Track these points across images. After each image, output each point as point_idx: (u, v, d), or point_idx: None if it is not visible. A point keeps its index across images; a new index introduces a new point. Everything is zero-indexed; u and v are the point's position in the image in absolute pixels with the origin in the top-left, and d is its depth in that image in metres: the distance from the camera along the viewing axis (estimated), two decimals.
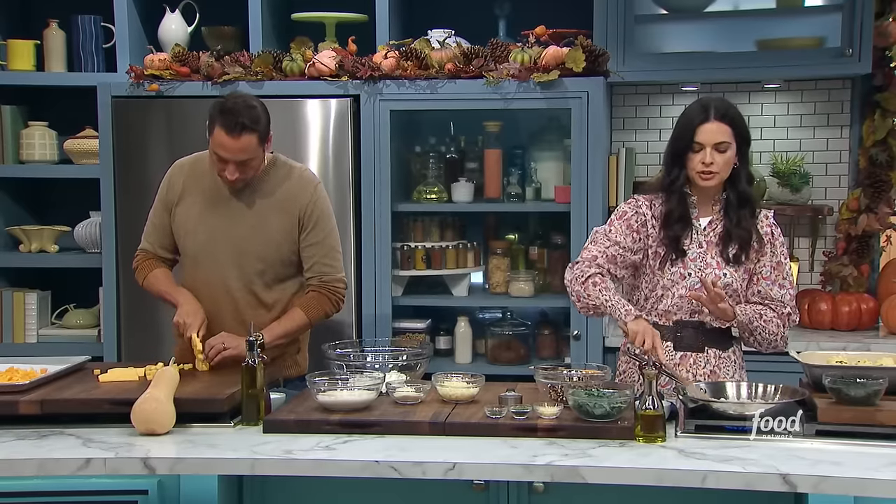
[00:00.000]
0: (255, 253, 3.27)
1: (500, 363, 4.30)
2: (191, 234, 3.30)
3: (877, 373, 2.73)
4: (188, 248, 3.32)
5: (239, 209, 3.27)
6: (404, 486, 2.66)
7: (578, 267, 3.03)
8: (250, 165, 3.17)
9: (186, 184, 3.32)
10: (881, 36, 4.18)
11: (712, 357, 3.07)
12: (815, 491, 2.35)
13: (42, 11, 4.58)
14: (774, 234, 3.11)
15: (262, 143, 3.17)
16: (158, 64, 4.23)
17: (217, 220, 3.27)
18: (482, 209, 4.43)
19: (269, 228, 3.26)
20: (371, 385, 2.81)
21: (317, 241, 3.30)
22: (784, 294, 3.08)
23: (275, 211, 3.27)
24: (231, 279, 3.28)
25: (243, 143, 3.11)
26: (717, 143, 2.97)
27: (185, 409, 2.72)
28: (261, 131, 3.14)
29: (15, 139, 4.55)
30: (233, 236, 3.26)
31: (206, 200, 3.29)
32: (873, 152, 4.33)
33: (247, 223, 3.26)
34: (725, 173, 3.02)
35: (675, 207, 3.05)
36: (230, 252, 3.27)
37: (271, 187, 3.29)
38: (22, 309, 4.51)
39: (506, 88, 4.04)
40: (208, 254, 3.28)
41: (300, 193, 3.29)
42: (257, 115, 3.13)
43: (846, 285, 4.37)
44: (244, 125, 3.08)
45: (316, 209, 3.30)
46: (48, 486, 2.70)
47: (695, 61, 4.26)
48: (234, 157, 3.12)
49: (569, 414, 2.68)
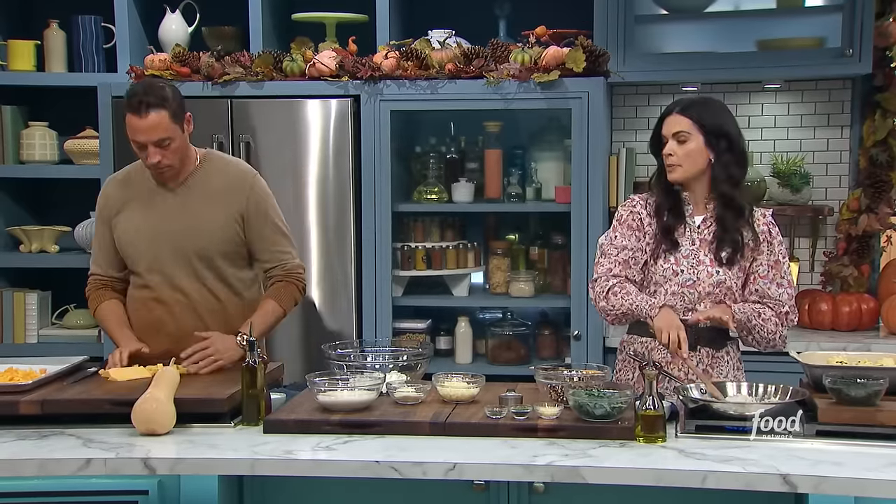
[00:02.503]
0: (195, 249, 3.24)
1: (500, 363, 4.30)
2: (132, 243, 3.26)
3: (877, 373, 2.73)
4: (133, 257, 3.27)
5: (174, 207, 3.24)
6: (404, 486, 2.66)
7: (598, 284, 3.08)
8: (170, 148, 3.12)
9: (122, 195, 3.29)
10: (881, 36, 4.18)
11: (705, 356, 3.07)
12: (816, 491, 2.35)
13: (42, 12, 4.58)
14: (772, 233, 3.10)
15: (176, 122, 3.12)
16: (159, 64, 4.23)
17: (155, 222, 3.24)
18: (482, 209, 4.43)
19: (205, 222, 3.23)
20: (371, 385, 2.81)
21: (267, 233, 3.29)
22: (782, 293, 3.08)
23: (210, 204, 3.24)
24: (180, 279, 3.25)
25: (152, 121, 3.07)
26: (675, 133, 3.02)
27: (186, 409, 2.72)
28: (170, 109, 3.10)
29: (15, 139, 4.55)
30: (172, 235, 3.23)
31: (143, 207, 3.26)
32: (873, 152, 4.33)
33: (183, 220, 3.23)
34: (689, 166, 3.03)
35: (663, 200, 3.09)
36: (172, 252, 3.24)
37: (205, 181, 3.27)
38: (22, 309, 4.51)
39: (506, 89, 4.04)
40: (153, 258, 3.25)
41: (237, 186, 3.27)
42: (164, 94, 3.11)
43: (846, 285, 4.37)
44: (149, 103, 3.07)
45: (258, 201, 3.28)
46: (49, 487, 2.70)
47: (695, 61, 4.26)
48: (148, 137, 3.09)
49: (569, 414, 2.68)
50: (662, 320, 2.94)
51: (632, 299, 3.00)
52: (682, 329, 2.92)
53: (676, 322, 2.94)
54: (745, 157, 3.10)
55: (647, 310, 2.98)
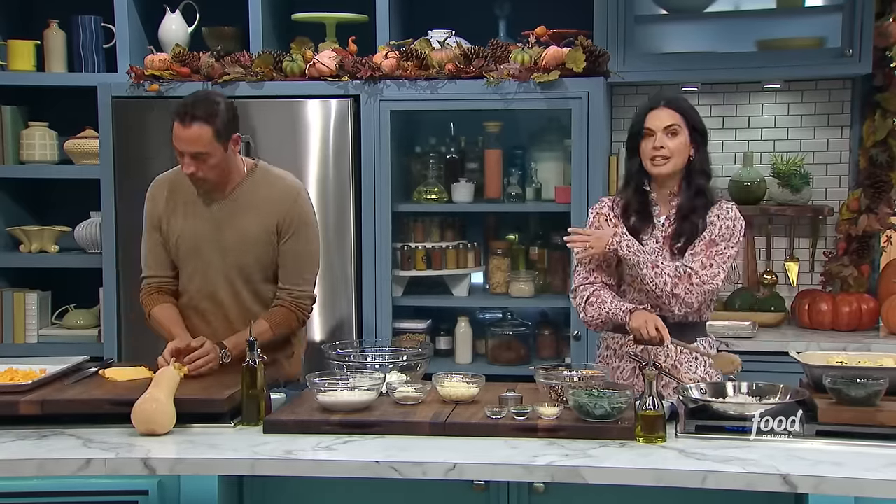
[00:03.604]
0: (236, 260, 3.24)
1: (500, 363, 4.30)
2: (182, 247, 3.26)
3: (877, 373, 2.73)
4: (179, 258, 3.28)
5: (219, 216, 3.23)
6: (404, 486, 2.66)
7: (577, 294, 3.17)
8: (208, 162, 3.10)
9: (169, 197, 3.28)
10: (881, 36, 4.18)
11: (673, 351, 3.09)
12: (816, 491, 2.35)
13: (42, 12, 4.58)
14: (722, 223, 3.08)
15: (219, 140, 3.09)
16: (159, 64, 4.23)
17: (198, 232, 3.24)
18: (482, 209, 4.43)
19: (248, 234, 3.22)
20: (371, 385, 2.81)
21: (294, 250, 3.25)
22: (695, 262, 3.04)
23: (253, 216, 3.22)
24: (219, 289, 3.25)
25: (193, 133, 3.05)
26: (667, 126, 3.06)
27: (186, 409, 2.72)
28: (217, 126, 3.07)
29: (15, 139, 4.55)
30: (215, 244, 3.23)
31: (187, 215, 3.25)
32: (873, 153, 4.32)
33: (227, 230, 3.23)
34: (679, 160, 3.07)
35: (632, 199, 3.14)
36: (216, 261, 3.24)
37: (251, 193, 3.25)
38: (22, 309, 4.51)
39: (506, 89, 4.04)
40: (193, 268, 3.26)
41: (281, 199, 3.25)
42: (214, 110, 3.08)
43: (846, 286, 4.37)
44: (195, 115, 3.05)
45: (296, 217, 3.25)
46: (48, 487, 2.70)
47: (695, 61, 4.26)
48: (187, 147, 3.07)
49: (569, 414, 2.68)
50: (637, 321, 3.01)
51: (607, 307, 3.08)
52: (657, 320, 2.99)
53: (650, 316, 3.00)
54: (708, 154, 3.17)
55: (622, 316, 3.05)
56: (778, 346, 3.92)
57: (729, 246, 3.08)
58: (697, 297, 3.05)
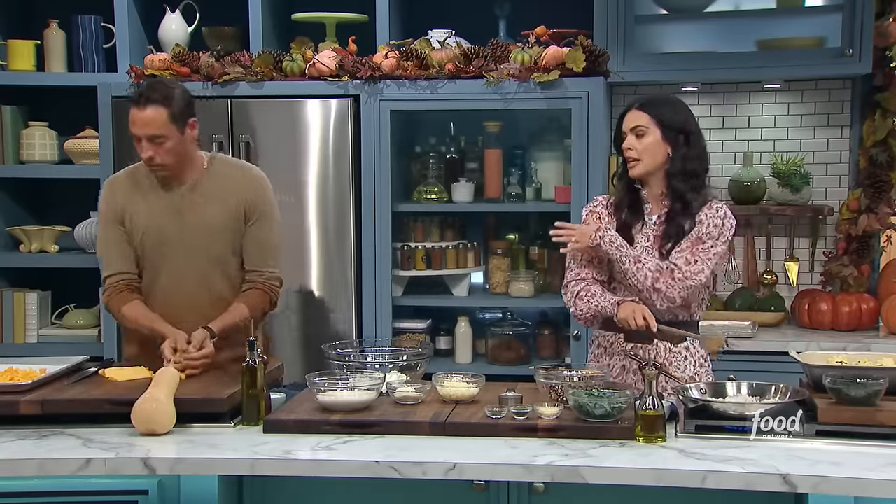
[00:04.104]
0: (206, 250, 3.26)
1: (500, 363, 4.30)
2: (146, 240, 3.27)
3: (877, 373, 2.73)
4: (145, 253, 3.28)
5: (187, 208, 3.26)
6: (404, 486, 2.66)
7: (568, 290, 3.20)
8: (164, 146, 3.14)
9: (129, 193, 3.30)
10: (881, 36, 4.18)
11: (662, 350, 3.10)
12: (815, 491, 2.35)
13: (42, 11, 4.58)
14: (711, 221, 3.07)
15: (174, 122, 3.14)
16: (159, 64, 4.23)
17: (168, 222, 3.26)
18: (482, 209, 4.43)
19: (215, 224, 3.26)
20: (371, 385, 2.81)
21: (259, 234, 3.30)
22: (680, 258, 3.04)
23: (219, 205, 3.26)
24: (189, 279, 3.26)
25: (148, 116, 3.11)
26: (633, 127, 3.10)
27: (186, 409, 2.72)
28: (172, 109, 3.12)
29: (15, 139, 4.55)
30: (184, 235, 3.25)
31: (152, 205, 3.27)
32: (873, 152, 4.32)
33: (193, 222, 3.25)
34: (649, 161, 3.09)
35: (623, 196, 3.18)
36: (183, 251, 3.25)
37: (213, 183, 3.28)
38: (22, 309, 4.51)
39: (506, 88, 4.04)
40: (163, 257, 3.27)
41: (245, 186, 3.30)
42: (169, 93, 3.14)
43: (846, 285, 4.37)
44: (150, 98, 3.12)
45: (260, 202, 3.30)
46: (48, 487, 2.70)
47: (695, 61, 4.26)
48: (142, 130, 3.13)
49: (569, 414, 2.68)
50: (624, 311, 3.04)
51: (596, 300, 3.11)
52: (644, 309, 3.02)
53: (637, 306, 3.03)
54: (703, 154, 3.14)
55: (611, 308, 3.07)
56: (778, 346, 3.92)
57: (716, 244, 3.07)
58: (679, 292, 3.05)
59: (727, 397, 2.77)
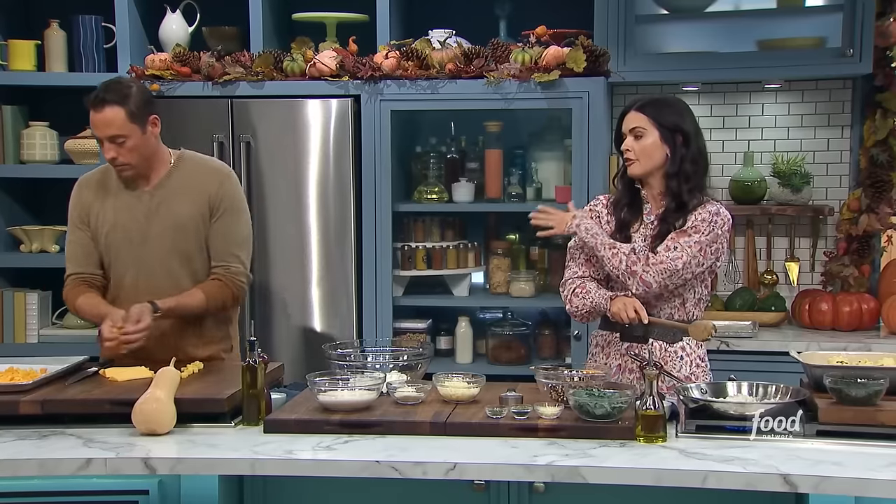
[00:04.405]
0: (173, 247, 3.26)
1: (500, 363, 4.31)
2: (113, 241, 3.28)
3: (877, 373, 2.73)
4: (112, 255, 3.30)
5: (154, 206, 3.26)
6: (405, 486, 2.66)
7: (565, 287, 3.22)
8: (126, 146, 3.15)
9: (96, 193, 3.32)
10: (882, 36, 4.17)
11: (658, 350, 3.10)
12: (816, 491, 2.35)
13: (43, 11, 4.58)
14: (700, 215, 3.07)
15: (134, 121, 3.14)
16: (159, 64, 4.23)
17: (135, 222, 3.26)
18: (483, 209, 4.43)
19: (182, 220, 3.25)
20: (372, 385, 2.81)
21: (225, 229, 3.28)
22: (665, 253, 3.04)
23: (185, 201, 3.26)
24: (157, 275, 3.26)
25: (106, 117, 3.11)
26: (632, 129, 3.12)
27: (186, 409, 2.72)
28: (129, 107, 3.12)
29: (16, 139, 4.55)
30: (151, 234, 3.25)
31: (119, 203, 3.28)
32: (874, 152, 4.32)
33: (160, 218, 3.25)
34: (646, 161, 3.10)
35: (622, 195, 3.20)
36: (152, 250, 3.26)
37: (180, 179, 3.29)
38: (23, 309, 4.51)
39: (506, 88, 4.04)
40: (133, 256, 3.27)
41: (209, 181, 3.29)
42: (126, 92, 3.14)
43: (847, 285, 4.37)
44: (105, 99, 3.12)
45: (226, 198, 3.28)
46: (49, 486, 2.70)
47: (695, 61, 4.26)
48: (102, 131, 3.13)
49: (569, 414, 2.68)
50: (616, 305, 3.08)
51: (591, 297, 3.14)
52: (635, 302, 3.06)
53: (629, 300, 3.06)
54: (701, 155, 3.14)
55: (604, 304, 3.11)
56: (778, 346, 3.92)
57: (701, 235, 3.05)
58: (654, 276, 3.04)
59: (728, 397, 2.77)
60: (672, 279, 3.06)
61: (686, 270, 3.05)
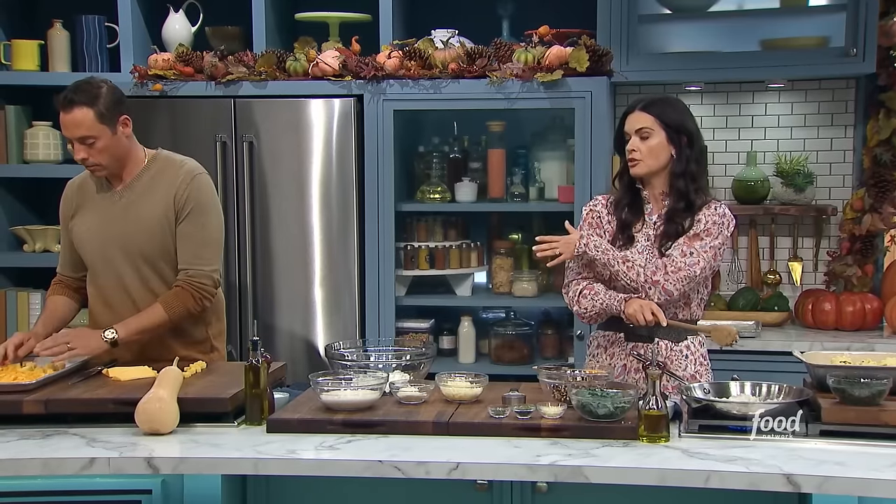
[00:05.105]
0: (141, 249, 3.24)
1: (503, 363, 4.31)
2: (86, 242, 3.29)
3: (881, 373, 2.72)
4: (86, 258, 3.31)
5: (123, 207, 3.26)
6: (408, 485, 2.66)
7: (569, 289, 3.21)
8: (96, 146, 3.14)
9: (76, 198, 3.33)
10: (886, 35, 4.17)
11: (663, 349, 3.10)
12: (819, 491, 2.35)
13: (46, 11, 4.59)
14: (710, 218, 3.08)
15: (103, 122, 3.13)
16: (162, 64, 4.23)
17: (102, 225, 3.27)
18: (485, 209, 4.43)
19: (150, 221, 3.23)
20: (374, 385, 2.81)
21: (190, 233, 3.24)
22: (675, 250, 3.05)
23: (153, 202, 3.24)
24: (127, 279, 3.26)
25: (75, 117, 3.10)
26: (638, 129, 3.11)
27: (189, 408, 2.72)
28: (99, 108, 3.11)
29: (19, 139, 4.55)
30: (119, 235, 3.25)
31: (93, 209, 3.29)
32: (877, 152, 4.32)
33: (129, 219, 3.25)
34: (652, 162, 3.10)
35: (623, 195, 3.19)
36: (120, 252, 3.25)
37: (151, 180, 3.27)
38: (26, 309, 4.51)
39: (509, 88, 4.04)
40: (103, 258, 3.27)
41: (176, 181, 3.25)
42: (95, 93, 3.12)
43: (850, 285, 4.36)
44: (72, 99, 3.11)
45: (190, 198, 3.23)
46: (52, 486, 2.70)
47: (698, 61, 4.26)
48: (71, 133, 3.13)
49: (572, 414, 2.68)
50: (632, 307, 3.06)
51: (601, 299, 3.12)
52: (652, 304, 3.04)
53: (644, 302, 3.05)
54: (703, 155, 3.17)
55: (617, 305, 3.09)
56: (781, 346, 3.92)
57: (714, 239, 3.08)
58: (675, 284, 3.05)
59: (731, 397, 2.76)
60: (690, 285, 3.08)
61: (702, 275, 3.09)
